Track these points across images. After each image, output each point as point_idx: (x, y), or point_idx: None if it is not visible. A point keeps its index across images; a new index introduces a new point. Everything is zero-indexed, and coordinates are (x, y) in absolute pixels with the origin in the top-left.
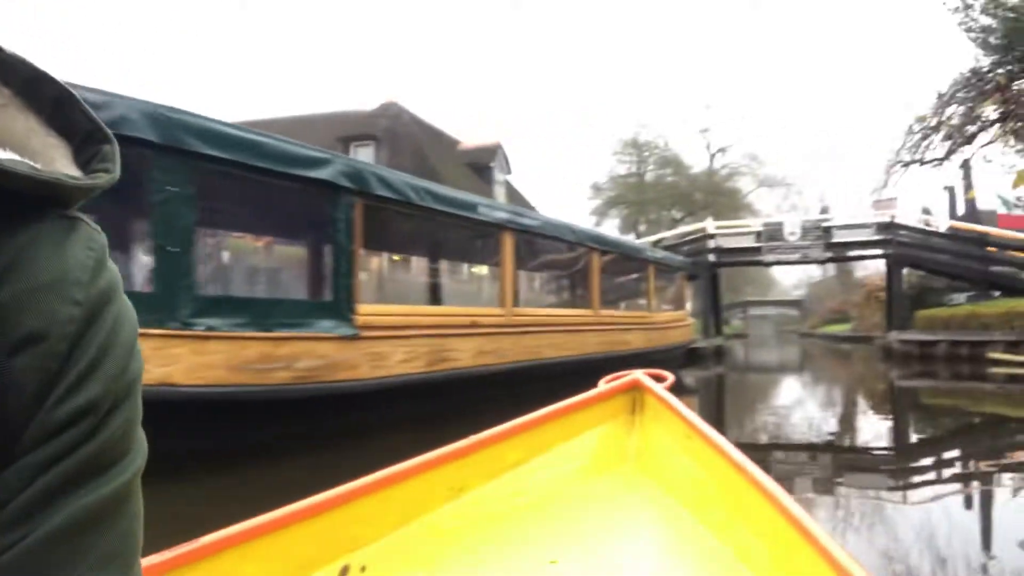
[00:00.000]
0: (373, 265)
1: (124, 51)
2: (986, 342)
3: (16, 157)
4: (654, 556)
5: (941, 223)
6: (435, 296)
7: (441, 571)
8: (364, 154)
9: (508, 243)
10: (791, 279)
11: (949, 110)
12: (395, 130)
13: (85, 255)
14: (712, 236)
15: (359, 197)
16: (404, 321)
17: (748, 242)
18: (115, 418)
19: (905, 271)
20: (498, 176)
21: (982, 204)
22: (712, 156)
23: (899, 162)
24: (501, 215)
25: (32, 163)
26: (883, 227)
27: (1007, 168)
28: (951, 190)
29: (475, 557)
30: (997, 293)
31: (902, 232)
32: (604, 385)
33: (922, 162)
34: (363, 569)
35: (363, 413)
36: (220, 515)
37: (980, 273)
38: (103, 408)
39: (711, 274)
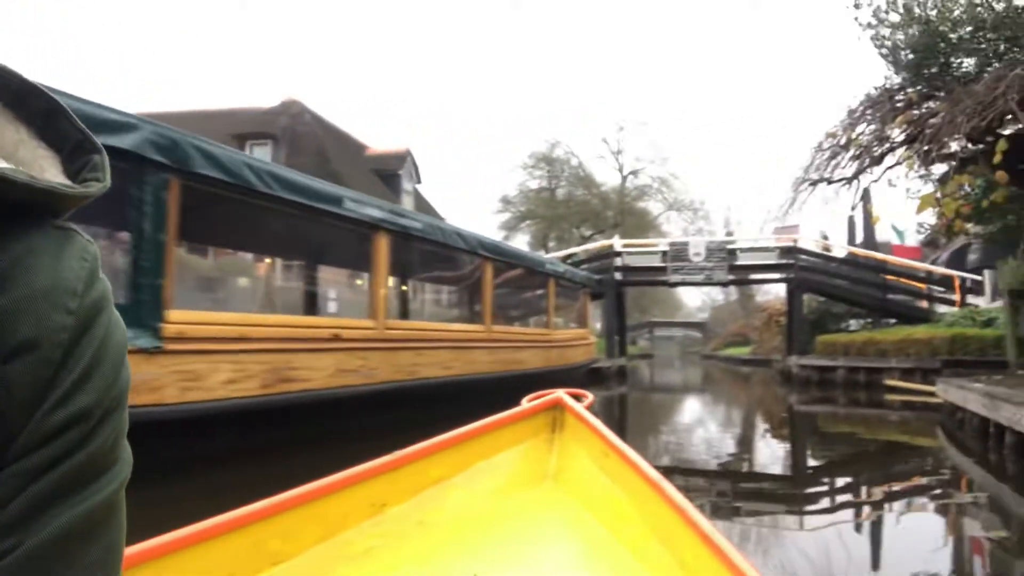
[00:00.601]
0: (196, 263)
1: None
2: (882, 369)
3: (11, 167)
4: (571, 571)
5: (841, 250)
6: (285, 303)
7: None
8: (260, 153)
9: (382, 245)
10: (696, 301)
11: (859, 128)
12: (295, 129)
13: (79, 265)
14: (619, 254)
15: (175, 175)
16: (231, 332)
17: (654, 261)
18: (105, 427)
19: (806, 296)
20: (406, 185)
21: (878, 235)
22: (624, 178)
23: (807, 180)
24: (374, 212)
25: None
26: (786, 251)
27: (911, 192)
28: (851, 219)
29: (396, 573)
30: (893, 320)
31: (804, 257)
32: (526, 403)
33: (830, 181)
34: None
35: (170, 446)
36: None
37: (878, 300)
38: (94, 417)
39: (617, 292)
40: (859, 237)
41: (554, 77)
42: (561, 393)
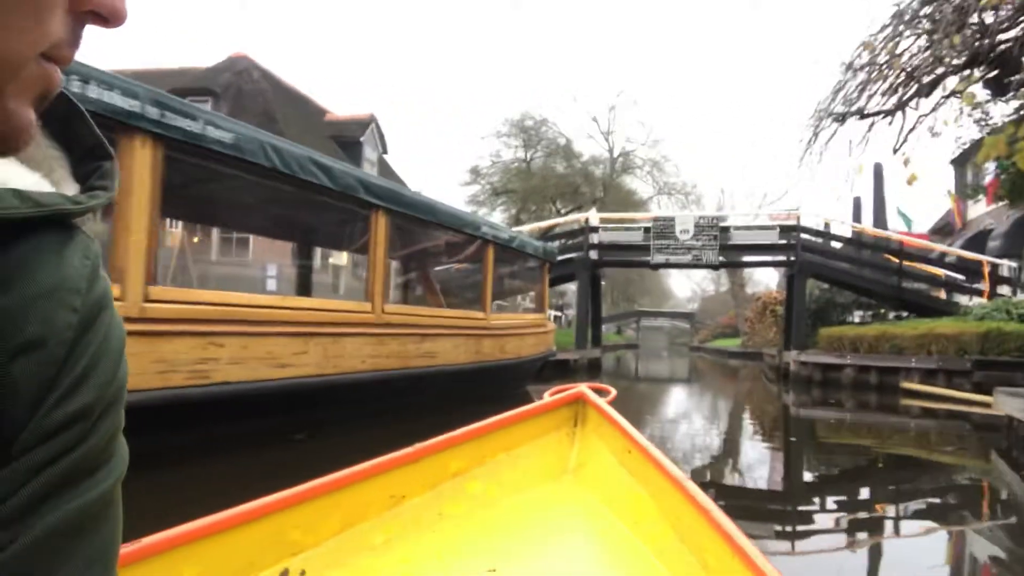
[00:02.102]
0: None
1: None
2: (899, 369)
3: (17, 189)
4: (589, 568)
5: (847, 228)
6: None
7: None
8: None
9: (144, 165)
10: (686, 291)
11: (906, 42)
12: (240, 87)
13: (82, 264)
14: (595, 229)
15: None
16: None
17: (635, 239)
18: (104, 423)
19: (807, 284)
20: (369, 153)
21: (880, 223)
22: (614, 160)
23: (830, 114)
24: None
25: (31, 173)
26: (786, 230)
27: (959, 142)
28: (857, 200)
29: (414, 565)
30: (905, 314)
31: (807, 237)
32: (548, 397)
33: (863, 114)
34: (303, 574)
35: None
36: None
37: (893, 289)
38: (95, 413)
39: (592, 274)
40: (865, 222)
41: (543, 53)
42: (583, 387)
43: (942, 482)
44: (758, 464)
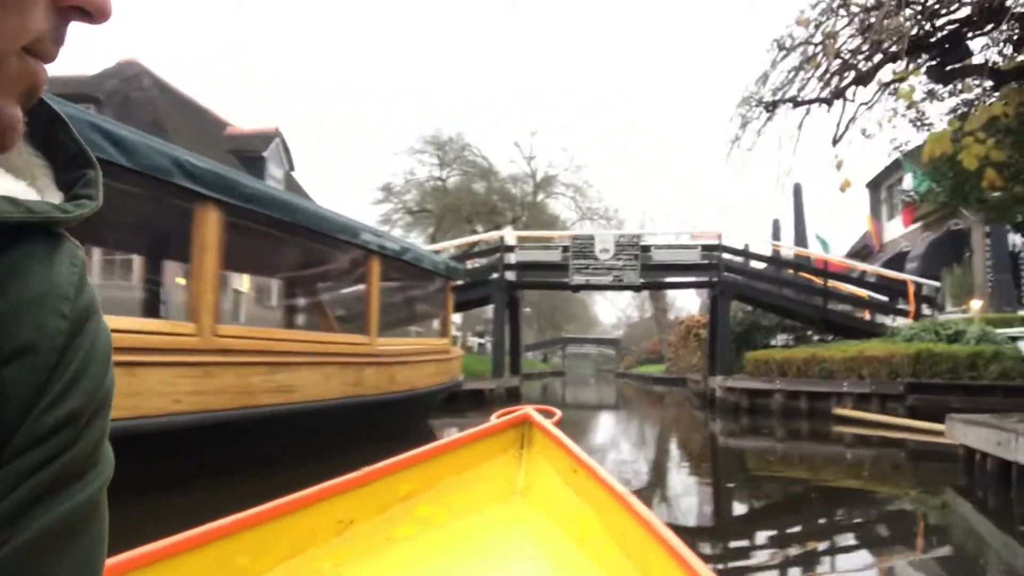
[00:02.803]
0: None
1: None
2: (831, 394)
3: (8, 196)
4: None
5: (780, 251)
6: None
7: None
8: None
9: None
10: (611, 318)
11: (841, 23)
12: (127, 94)
13: (70, 271)
14: (511, 249)
15: None
16: None
17: (554, 258)
18: (92, 428)
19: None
20: (273, 170)
21: (800, 245)
22: (536, 185)
23: (760, 102)
24: None
25: (16, 181)
26: (709, 249)
27: (892, 145)
28: (776, 223)
29: None
30: (830, 336)
31: (730, 257)
32: (495, 419)
33: (797, 102)
34: None
35: None
36: None
37: (818, 311)
38: (84, 418)
39: (509, 296)
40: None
41: (464, 77)
42: (529, 409)
43: (881, 515)
44: (685, 497)
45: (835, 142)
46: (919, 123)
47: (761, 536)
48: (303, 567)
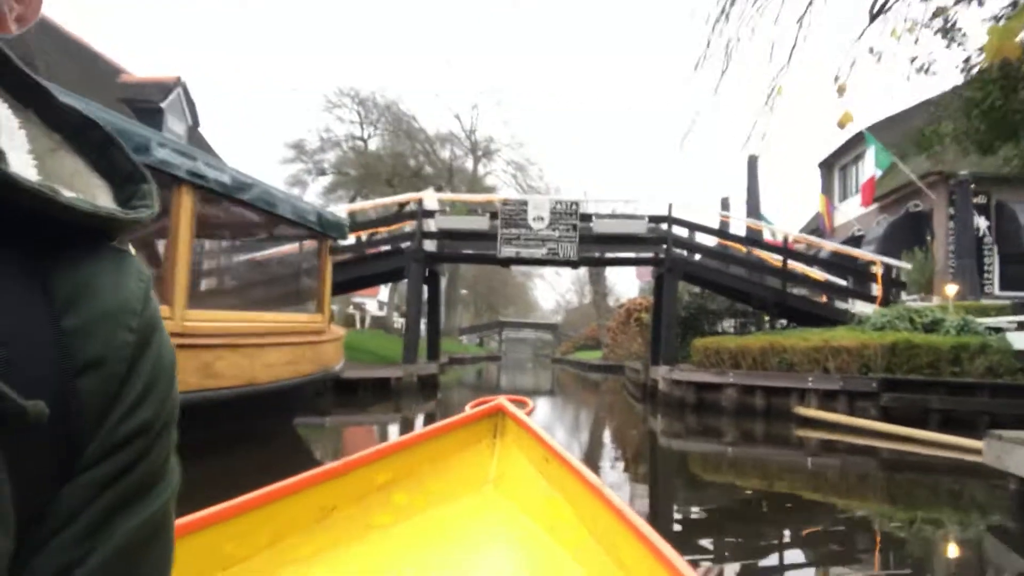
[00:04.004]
0: None
1: None
2: (792, 390)
3: (75, 195)
4: (509, 574)
5: (729, 223)
6: None
7: None
8: None
9: None
10: (551, 303)
11: None
12: None
13: (137, 286)
14: (430, 214)
15: None
16: None
17: (480, 225)
18: (163, 440)
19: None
20: (173, 124)
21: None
22: (476, 158)
23: None
24: None
25: (79, 198)
26: (657, 221)
27: (912, 65)
28: (725, 200)
29: None
30: (785, 322)
31: (680, 232)
32: (469, 409)
33: None
34: None
35: None
36: None
37: (776, 294)
38: (155, 430)
39: (428, 269)
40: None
41: (401, 45)
42: (503, 400)
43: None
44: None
45: (873, 17)
46: (946, 32)
47: (704, 558)
48: (285, 553)
